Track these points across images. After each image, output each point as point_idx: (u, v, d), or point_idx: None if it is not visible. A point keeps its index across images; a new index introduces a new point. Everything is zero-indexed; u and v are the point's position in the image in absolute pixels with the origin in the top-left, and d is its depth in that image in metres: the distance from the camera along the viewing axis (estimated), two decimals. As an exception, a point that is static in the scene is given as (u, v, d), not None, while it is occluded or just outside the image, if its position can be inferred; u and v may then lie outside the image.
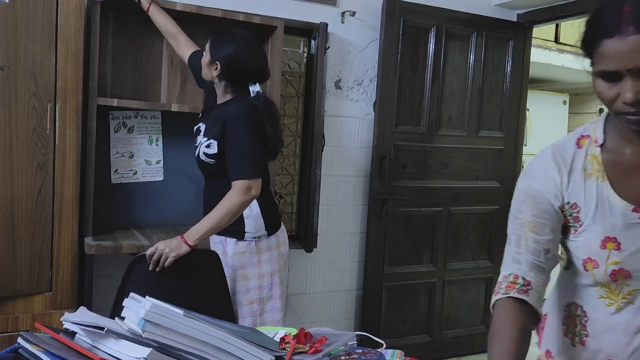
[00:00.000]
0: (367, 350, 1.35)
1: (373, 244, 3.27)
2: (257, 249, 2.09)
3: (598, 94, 1.06)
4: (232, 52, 2.03)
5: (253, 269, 2.08)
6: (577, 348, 1.21)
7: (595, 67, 1.02)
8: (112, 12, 2.60)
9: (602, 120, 1.17)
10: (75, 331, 1.17)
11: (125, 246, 2.31)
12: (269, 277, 2.11)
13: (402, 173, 3.31)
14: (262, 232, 2.10)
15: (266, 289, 2.11)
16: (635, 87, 0.98)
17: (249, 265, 2.08)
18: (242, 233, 2.07)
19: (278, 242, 2.15)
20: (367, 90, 3.28)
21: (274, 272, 2.12)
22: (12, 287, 2.10)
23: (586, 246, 1.13)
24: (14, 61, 2.03)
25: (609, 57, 0.99)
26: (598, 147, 1.14)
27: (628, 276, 1.09)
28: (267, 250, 2.11)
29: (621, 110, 1.02)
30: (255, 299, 2.09)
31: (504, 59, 3.54)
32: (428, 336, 3.50)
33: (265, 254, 2.11)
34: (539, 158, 1.21)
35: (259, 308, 2.09)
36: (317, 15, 3.04)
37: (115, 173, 2.67)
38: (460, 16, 3.34)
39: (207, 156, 2.08)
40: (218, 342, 1.20)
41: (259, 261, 2.09)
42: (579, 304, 1.20)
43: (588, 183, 1.13)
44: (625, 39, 0.96)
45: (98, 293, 2.43)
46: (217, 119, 2.06)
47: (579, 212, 1.14)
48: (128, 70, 2.67)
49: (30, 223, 2.11)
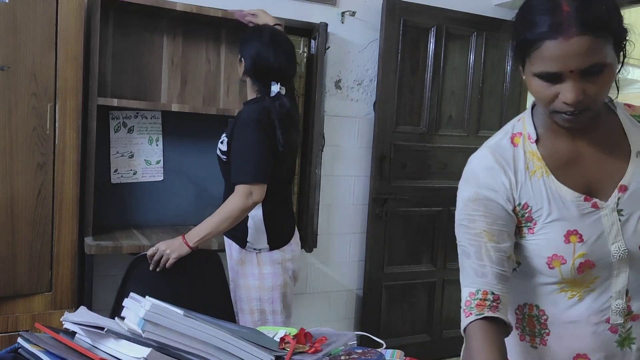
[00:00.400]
0: (367, 350, 1.35)
1: (373, 243, 3.27)
2: (258, 261, 2.04)
3: (534, 93, 1.05)
4: (254, 49, 2.03)
5: (254, 280, 2.04)
6: (540, 349, 1.17)
7: (535, 68, 1.00)
8: (112, 12, 2.60)
9: (528, 116, 1.16)
10: (75, 331, 1.17)
11: (125, 246, 2.31)
12: (270, 292, 2.05)
13: (402, 173, 3.31)
14: (263, 246, 2.04)
15: (267, 302, 2.06)
16: (576, 88, 0.98)
17: (249, 276, 2.05)
18: (244, 241, 2.04)
19: (284, 257, 2.08)
20: (367, 90, 3.28)
21: (276, 287, 2.06)
22: (12, 287, 2.10)
23: (549, 244, 1.09)
24: (13, 61, 2.03)
25: (551, 59, 0.97)
26: (534, 144, 1.13)
27: (592, 266, 1.08)
28: (269, 264, 2.05)
29: (560, 110, 1.02)
30: (256, 309, 2.06)
31: (504, 59, 3.54)
32: (428, 336, 3.50)
33: (267, 267, 2.05)
34: (479, 161, 1.16)
35: (260, 318, 2.06)
36: (317, 15, 3.04)
37: (115, 173, 2.67)
38: (460, 16, 3.34)
39: (221, 152, 2.07)
40: (218, 342, 1.20)
41: (260, 274, 2.04)
42: (534, 303, 1.16)
43: (534, 181, 1.10)
44: (569, 40, 0.95)
45: (98, 293, 2.43)
46: (236, 117, 2.06)
47: (531, 211, 1.11)
48: (128, 70, 2.67)
49: (30, 223, 2.11)
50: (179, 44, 2.76)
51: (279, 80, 2.03)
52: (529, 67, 1.02)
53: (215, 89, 2.84)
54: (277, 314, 2.08)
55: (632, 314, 1.10)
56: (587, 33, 0.95)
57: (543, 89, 1.02)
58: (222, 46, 2.84)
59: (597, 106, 1.04)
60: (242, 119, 1.98)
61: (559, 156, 1.12)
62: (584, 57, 0.95)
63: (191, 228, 2.69)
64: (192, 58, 2.78)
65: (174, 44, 2.75)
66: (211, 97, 2.85)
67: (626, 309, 1.10)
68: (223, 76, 2.86)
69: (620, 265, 1.08)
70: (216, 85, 2.83)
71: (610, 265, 1.07)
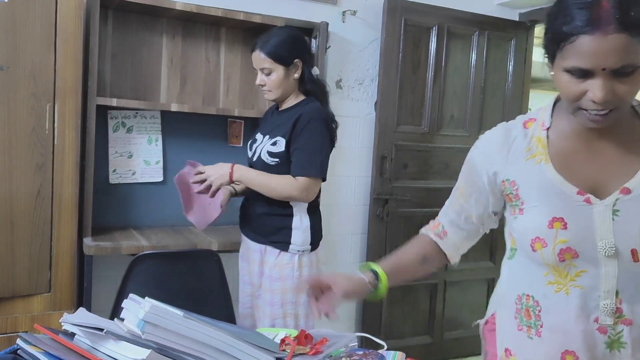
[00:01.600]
0: (368, 352, 1.35)
1: (374, 244, 3.26)
2: (299, 264, 2.03)
3: (562, 89, 1.04)
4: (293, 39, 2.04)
5: (292, 284, 2.02)
6: (535, 340, 1.17)
7: (566, 63, 0.99)
8: (111, 12, 2.60)
9: (549, 106, 1.18)
10: (75, 332, 1.16)
11: (124, 247, 2.30)
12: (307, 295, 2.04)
13: (403, 173, 3.30)
14: (306, 247, 2.05)
15: (302, 306, 2.04)
16: (606, 87, 0.97)
17: (288, 279, 2.02)
18: (287, 245, 2.02)
19: (318, 259, 2.10)
20: (368, 90, 3.27)
21: None
22: (11, 288, 2.09)
23: (534, 225, 1.11)
24: (13, 61, 2.03)
25: (584, 54, 0.96)
26: (544, 131, 1.15)
27: (575, 256, 1.08)
28: (308, 266, 2.05)
29: (586, 108, 1.02)
30: (289, 313, 2.03)
31: (506, 58, 3.53)
32: (429, 337, 3.49)
33: (305, 270, 2.04)
34: (490, 132, 1.24)
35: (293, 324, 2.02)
36: (318, 14, 3.04)
37: (113, 173, 2.66)
38: (461, 15, 3.33)
39: (270, 155, 2.02)
40: (218, 344, 1.19)
41: (300, 277, 2.03)
42: (530, 294, 1.18)
43: (530, 163, 1.13)
44: (605, 37, 0.94)
45: (97, 294, 2.42)
46: (287, 120, 2.02)
47: (518, 190, 1.15)
48: (127, 70, 2.66)
49: (29, 223, 2.10)
50: (179, 43, 2.75)
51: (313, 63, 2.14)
52: (559, 61, 1.02)
53: (214, 89, 2.83)
54: (310, 317, 2.05)
55: (623, 317, 1.09)
56: (625, 32, 0.94)
57: (571, 84, 1.01)
58: (221, 46, 2.83)
59: (623, 107, 1.04)
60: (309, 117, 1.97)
61: (565, 148, 1.13)
62: (619, 55, 0.95)
63: (191, 229, 2.72)
64: (191, 58, 2.78)
65: (174, 43, 2.74)
66: (211, 97, 2.84)
67: (615, 310, 1.08)
68: (223, 76, 2.85)
69: (607, 262, 1.07)
70: (216, 85, 2.83)
71: (596, 260, 1.07)
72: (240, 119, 2.84)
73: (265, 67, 2.01)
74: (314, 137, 1.95)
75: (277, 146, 2.00)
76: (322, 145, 1.96)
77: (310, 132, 1.95)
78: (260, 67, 2.03)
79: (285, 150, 1.98)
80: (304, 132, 1.95)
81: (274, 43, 2.02)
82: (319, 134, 1.96)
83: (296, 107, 2.05)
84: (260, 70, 2.03)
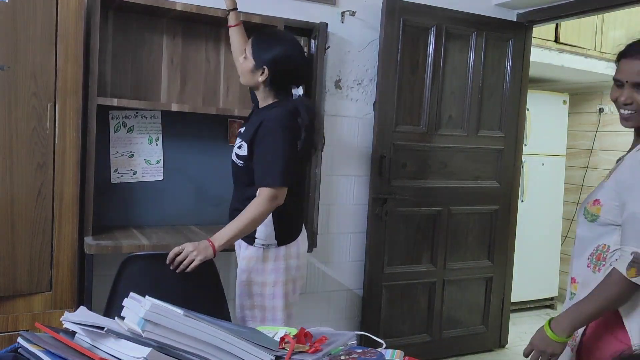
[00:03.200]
0: (367, 350, 1.35)
1: (373, 243, 3.27)
2: (264, 257, 2.05)
3: None
4: (280, 52, 1.99)
5: (257, 276, 2.05)
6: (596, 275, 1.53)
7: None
8: (112, 12, 2.60)
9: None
10: (75, 331, 1.17)
11: (125, 246, 2.31)
12: (272, 287, 2.06)
13: (402, 173, 3.31)
14: (271, 241, 2.05)
15: (268, 299, 2.06)
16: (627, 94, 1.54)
17: (253, 272, 2.06)
18: (253, 239, 2.05)
19: (288, 253, 2.09)
20: (367, 90, 3.28)
21: (278, 283, 2.06)
22: (12, 287, 2.10)
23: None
24: (14, 61, 2.03)
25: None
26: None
27: None
28: (273, 260, 2.06)
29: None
30: (257, 304, 2.06)
31: (504, 59, 3.54)
32: (428, 336, 3.50)
33: (270, 264, 2.06)
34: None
35: (260, 315, 2.07)
36: (317, 14, 3.05)
37: (115, 173, 2.67)
38: (460, 16, 3.34)
39: (237, 157, 2.05)
40: (218, 342, 1.20)
41: (264, 269, 2.05)
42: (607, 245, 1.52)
43: None
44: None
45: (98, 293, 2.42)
46: (255, 122, 2.03)
47: None
48: (128, 70, 2.67)
49: (30, 223, 2.11)
50: (179, 43, 2.76)
51: (299, 84, 2.04)
52: None
53: (215, 89, 2.84)
54: (278, 310, 2.08)
55: None
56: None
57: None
58: (221, 46, 2.84)
59: None
60: (270, 124, 1.96)
61: None
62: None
63: (191, 228, 2.73)
64: (191, 58, 2.79)
65: (174, 43, 2.75)
66: (211, 97, 2.85)
67: None
68: (223, 76, 2.86)
69: None
70: (216, 85, 2.83)
71: None
72: (240, 118, 2.85)
73: (245, 50, 2.05)
74: (273, 146, 1.94)
75: (242, 150, 2.03)
76: (282, 153, 1.93)
77: (270, 141, 1.94)
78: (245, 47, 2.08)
79: (247, 155, 2.01)
80: (263, 141, 1.95)
81: (265, 39, 2.04)
82: (279, 142, 1.93)
83: (264, 109, 2.06)
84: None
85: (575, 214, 2.13)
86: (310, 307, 3.26)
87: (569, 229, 5.00)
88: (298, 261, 2.13)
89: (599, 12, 3.57)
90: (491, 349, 3.73)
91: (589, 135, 4.99)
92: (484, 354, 3.68)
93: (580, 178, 5.03)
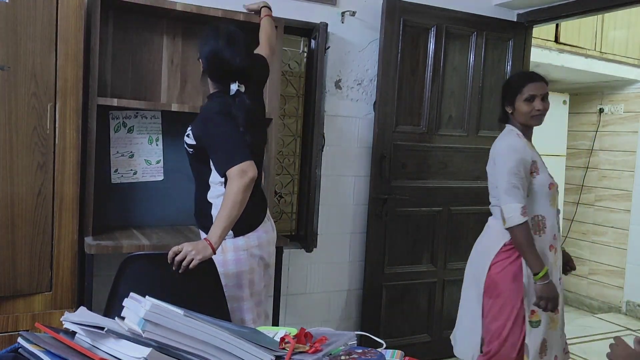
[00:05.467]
0: (367, 350, 1.36)
1: (373, 243, 3.28)
2: (223, 249, 2.04)
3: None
4: (210, 49, 2.02)
5: (220, 267, 2.04)
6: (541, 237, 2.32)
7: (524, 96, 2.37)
8: (112, 12, 2.60)
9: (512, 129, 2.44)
10: (75, 331, 1.17)
11: (125, 246, 2.31)
12: (235, 278, 2.06)
13: (402, 173, 3.31)
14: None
15: (232, 289, 2.06)
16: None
17: (216, 264, 2.03)
18: (208, 229, 2.00)
19: (248, 243, 2.08)
20: (367, 90, 3.28)
21: (242, 274, 2.07)
22: (12, 287, 2.10)
23: (547, 178, 2.35)
24: (14, 61, 2.04)
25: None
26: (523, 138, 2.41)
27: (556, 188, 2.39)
28: (232, 250, 2.06)
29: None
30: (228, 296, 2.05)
31: (504, 59, 3.54)
32: (428, 336, 3.50)
33: (230, 254, 2.06)
34: (514, 141, 2.37)
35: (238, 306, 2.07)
36: (317, 15, 3.05)
37: (115, 173, 2.67)
38: (460, 16, 3.34)
39: (187, 145, 2.08)
40: (218, 342, 1.20)
41: (224, 260, 2.05)
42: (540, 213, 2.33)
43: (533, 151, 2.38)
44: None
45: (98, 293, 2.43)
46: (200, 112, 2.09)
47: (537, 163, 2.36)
48: (128, 70, 2.67)
49: (30, 223, 2.11)
50: (179, 44, 2.76)
51: (237, 79, 2.03)
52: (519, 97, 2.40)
53: (215, 89, 2.84)
54: (243, 300, 2.08)
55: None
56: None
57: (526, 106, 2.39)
58: (222, 46, 2.84)
59: None
60: (205, 114, 2.01)
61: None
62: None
63: (191, 228, 2.73)
64: (192, 58, 2.78)
65: (174, 44, 2.75)
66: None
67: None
68: (223, 76, 2.86)
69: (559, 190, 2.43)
70: (216, 85, 2.83)
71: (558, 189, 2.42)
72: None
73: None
74: (219, 131, 1.96)
75: (189, 138, 2.06)
76: (230, 135, 1.95)
77: (212, 129, 1.98)
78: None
79: (195, 143, 2.04)
80: (206, 131, 1.98)
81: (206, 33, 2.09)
82: (220, 126, 1.96)
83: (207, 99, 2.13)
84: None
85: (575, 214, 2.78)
86: (311, 307, 3.26)
87: (569, 228, 5.01)
88: (260, 250, 2.13)
89: (599, 12, 3.57)
90: (491, 349, 3.72)
91: (589, 136, 4.99)
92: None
93: (580, 178, 5.04)
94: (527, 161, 2.29)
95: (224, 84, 2.04)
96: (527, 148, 2.33)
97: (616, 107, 4.82)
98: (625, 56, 4.55)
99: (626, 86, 4.75)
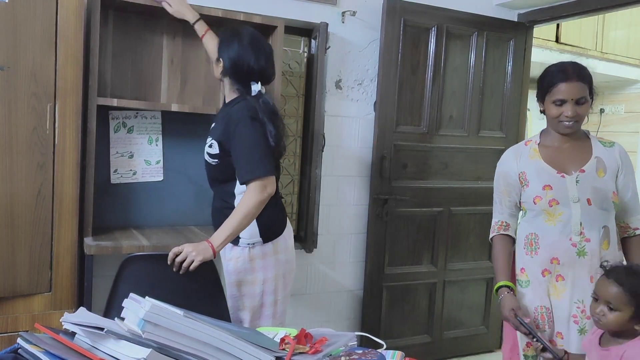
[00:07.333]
0: (368, 351, 1.35)
1: (373, 244, 3.27)
2: (250, 257, 2.05)
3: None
4: (235, 51, 2.05)
5: (246, 275, 2.05)
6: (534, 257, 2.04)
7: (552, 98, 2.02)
8: (112, 12, 2.60)
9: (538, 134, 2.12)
10: (75, 332, 1.17)
11: (125, 246, 2.31)
12: (261, 285, 2.06)
13: (403, 173, 3.31)
14: (256, 239, 2.05)
15: (258, 297, 2.07)
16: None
17: (242, 272, 2.06)
18: (237, 239, 2.04)
19: (276, 249, 2.09)
20: (368, 90, 3.28)
21: (267, 280, 2.07)
22: (11, 288, 2.10)
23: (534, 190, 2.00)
24: (13, 61, 2.03)
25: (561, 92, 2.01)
26: (536, 145, 2.08)
27: (557, 203, 1.96)
28: (260, 257, 2.06)
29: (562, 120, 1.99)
30: (252, 305, 2.07)
31: (505, 59, 3.54)
32: (428, 337, 3.50)
33: (258, 262, 2.06)
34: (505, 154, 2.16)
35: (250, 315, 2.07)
36: (318, 15, 3.04)
37: (114, 173, 2.67)
38: (460, 16, 3.34)
39: (210, 156, 2.08)
40: (218, 343, 1.20)
41: (252, 268, 2.05)
42: (534, 232, 2.04)
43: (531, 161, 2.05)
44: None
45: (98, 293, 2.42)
46: (222, 119, 2.07)
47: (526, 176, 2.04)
48: (128, 70, 2.67)
49: (30, 223, 2.11)
50: (179, 44, 2.76)
51: (258, 81, 2.07)
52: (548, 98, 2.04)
53: (215, 89, 2.84)
54: (269, 306, 2.08)
55: (585, 237, 1.95)
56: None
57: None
58: (222, 46, 2.84)
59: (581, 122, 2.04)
60: (236, 119, 1.99)
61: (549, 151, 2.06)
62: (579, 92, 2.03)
63: (191, 228, 2.73)
64: (192, 58, 2.78)
65: (174, 44, 2.75)
66: (211, 97, 2.84)
67: (580, 233, 1.95)
68: (223, 76, 2.86)
69: (574, 206, 1.95)
70: (216, 85, 2.83)
71: (569, 205, 1.96)
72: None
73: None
74: (248, 140, 1.96)
75: (212, 148, 2.05)
76: (257, 143, 1.96)
77: (241, 135, 1.96)
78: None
79: (220, 152, 2.03)
80: (235, 136, 1.97)
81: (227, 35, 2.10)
82: (251, 134, 1.96)
83: (228, 105, 2.10)
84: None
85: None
86: (311, 307, 3.25)
87: (570, 229, 4.99)
88: (287, 255, 2.14)
89: (599, 12, 3.56)
90: (492, 350, 3.72)
91: (590, 136, 4.98)
92: (484, 355, 3.68)
93: (580, 178, 5.02)
94: (508, 174, 2.06)
95: (245, 85, 2.07)
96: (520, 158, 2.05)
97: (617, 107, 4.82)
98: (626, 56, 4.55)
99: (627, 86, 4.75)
